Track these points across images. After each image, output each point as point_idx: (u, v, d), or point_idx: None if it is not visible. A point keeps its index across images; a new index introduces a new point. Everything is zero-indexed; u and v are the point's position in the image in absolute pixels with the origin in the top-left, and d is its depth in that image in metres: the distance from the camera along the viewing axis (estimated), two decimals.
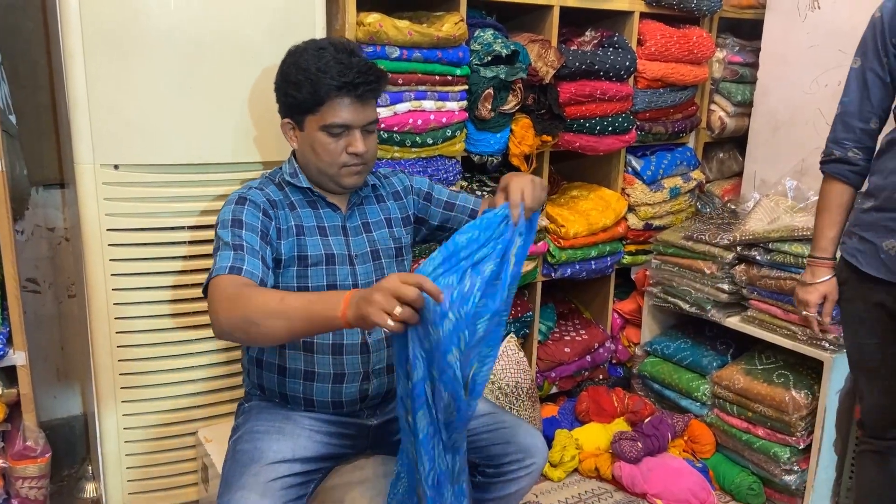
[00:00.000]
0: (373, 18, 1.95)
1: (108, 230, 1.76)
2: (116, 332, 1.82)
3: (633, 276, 2.79)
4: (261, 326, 1.22)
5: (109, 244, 1.77)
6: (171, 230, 1.83)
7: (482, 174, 2.46)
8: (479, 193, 2.31)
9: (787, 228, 2.20)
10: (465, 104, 2.18)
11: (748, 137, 2.82)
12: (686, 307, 2.48)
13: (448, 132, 2.15)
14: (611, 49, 2.45)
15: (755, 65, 2.79)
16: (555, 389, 2.66)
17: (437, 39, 2.02)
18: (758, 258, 2.28)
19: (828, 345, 2.12)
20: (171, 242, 1.84)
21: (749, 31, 2.89)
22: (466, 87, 2.16)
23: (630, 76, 2.50)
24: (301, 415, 1.52)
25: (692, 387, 2.46)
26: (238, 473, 1.37)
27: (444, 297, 1.11)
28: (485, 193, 2.32)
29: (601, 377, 2.77)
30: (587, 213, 2.51)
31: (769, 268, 2.25)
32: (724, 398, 2.36)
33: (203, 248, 1.84)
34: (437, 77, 2.09)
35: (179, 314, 1.87)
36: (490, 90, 2.16)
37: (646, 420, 2.44)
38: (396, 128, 2.05)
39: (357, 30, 1.96)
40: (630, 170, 2.68)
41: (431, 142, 2.12)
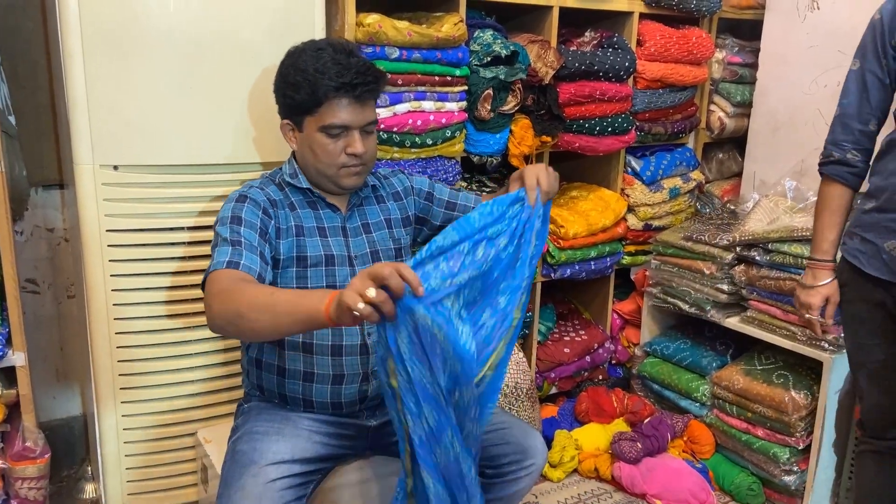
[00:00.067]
0: (372, 19, 1.95)
1: (108, 231, 1.76)
2: (116, 333, 1.82)
3: (633, 277, 2.79)
4: (247, 319, 1.21)
5: (109, 245, 1.77)
6: (171, 231, 1.83)
7: (482, 175, 2.46)
8: (479, 193, 2.31)
9: (787, 229, 2.20)
10: (465, 105, 2.18)
11: (747, 138, 2.82)
12: (685, 308, 2.48)
13: (447, 133, 2.15)
14: (610, 50, 2.45)
15: (755, 65, 2.79)
16: (554, 390, 2.65)
17: (437, 40, 2.02)
18: (757, 259, 2.28)
19: (827, 345, 2.12)
20: (171, 243, 1.83)
21: (748, 32, 2.89)
22: (466, 88, 2.16)
23: (629, 77, 2.50)
24: (300, 416, 1.52)
25: (692, 387, 2.46)
26: (237, 474, 1.37)
27: (456, 264, 1.15)
28: (484, 193, 2.32)
29: (601, 378, 2.77)
30: (587, 214, 2.51)
31: (769, 268, 2.25)
32: (724, 399, 2.36)
33: (203, 249, 1.84)
34: (437, 78, 2.09)
35: (179, 315, 1.87)
36: (489, 91, 2.16)
37: (645, 420, 2.44)
38: (396, 128, 2.05)
39: (356, 30, 1.95)
40: (629, 170, 2.68)
41: (431, 142, 2.12)
